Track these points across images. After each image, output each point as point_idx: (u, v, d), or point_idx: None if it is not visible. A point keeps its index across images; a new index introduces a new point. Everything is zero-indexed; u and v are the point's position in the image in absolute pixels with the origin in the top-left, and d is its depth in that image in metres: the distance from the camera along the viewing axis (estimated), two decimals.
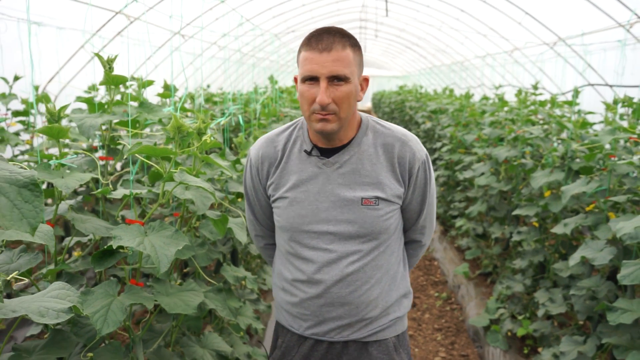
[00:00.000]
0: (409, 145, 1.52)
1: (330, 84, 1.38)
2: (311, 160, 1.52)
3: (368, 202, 1.48)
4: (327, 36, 1.38)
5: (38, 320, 0.78)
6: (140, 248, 1.26)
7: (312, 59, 1.38)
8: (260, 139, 1.63)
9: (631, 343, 2.05)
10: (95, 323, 1.26)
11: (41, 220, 0.70)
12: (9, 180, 0.69)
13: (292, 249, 1.56)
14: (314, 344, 1.58)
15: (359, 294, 1.52)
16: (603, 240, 2.34)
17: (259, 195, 1.63)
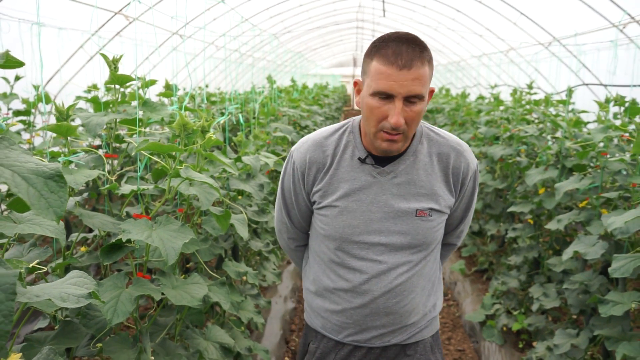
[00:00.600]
0: (464, 155, 1.48)
1: (404, 104, 1.29)
2: (364, 169, 1.44)
3: (422, 214, 1.44)
4: (406, 49, 1.26)
5: (60, 304, 0.83)
6: (148, 241, 1.31)
7: (389, 75, 1.26)
8: (305, 141, 1.52)
9: (622, 335, 2.11)
10: (106, 313, 1.30)
11: (65, 209, 0.75)
12: (36, 172, 0.74)
13: (338, 258, 1.50)
14: (353, 349, 1.55)
15: (404, 303, 1.49)
16: (595, 236, 2.40)
17: (299, 199, 1.55)
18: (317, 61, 23.56)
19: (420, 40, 1.31)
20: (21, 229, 1.23)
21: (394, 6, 10.68)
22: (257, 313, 2.28)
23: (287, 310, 3.81)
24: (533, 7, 7.41)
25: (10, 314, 0.64)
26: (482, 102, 6.66)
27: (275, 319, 3.57)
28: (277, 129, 4.05)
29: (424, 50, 1.29)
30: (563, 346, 2.45)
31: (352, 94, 3.72)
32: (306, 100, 7.21)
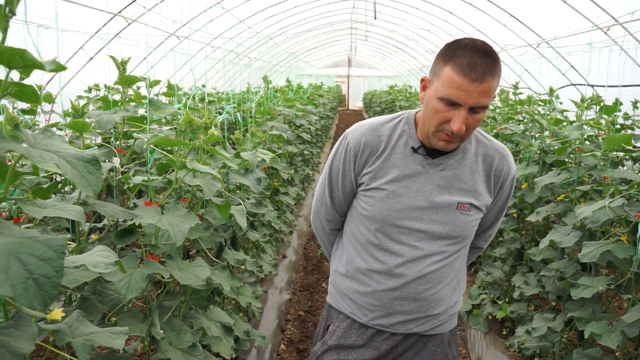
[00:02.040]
0: (507, 159, 1.57)
1: (469, 113, 1.36)
2: (415, 158, 1.52)
3: (463, 207, 1.51)
4: (481, 62, 1.31)
5: (93, 269, 0.99)
6: (159, 224, 1.47)
7: (460, 85, 1.32)
8: (362, 124, 1.60)
9: (592, 316, 2.28)
10: (121, 289, 1.46)
11: (100, 187, 0.91)
12: (77, 157, 0.90)
13: (377, 240, 1.56)
14: (375, 333, 1.60)
15: (433, 292, 1.55)
16: (570, 226, 2.57)
17: (345, 180, 1.61)
18: (312, 61, 23.72)
19: (494, 53, 1.35)
20: (47, 212, 1.39)
21: (387, 7, 10.86)
22: (255, 298, 2.44)
23: (283, 301, 3.97)
24: (522, 9, 7.61)
25: (61, 269, 0.80)
26: None
27: (271, 309, 3.73)
28: (273, 127, 4.21)
29: (497, 64, 1.34)
30: (540, 329, 2.62)
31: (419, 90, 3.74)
32: (301, 100, 7.37)
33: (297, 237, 5.29)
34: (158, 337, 1.59)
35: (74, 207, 1.52)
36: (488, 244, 1.78)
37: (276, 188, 4.19)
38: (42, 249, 0.81)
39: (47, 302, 0.78)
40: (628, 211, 2.21)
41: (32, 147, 0.87)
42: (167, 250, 1.80)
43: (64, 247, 0.82)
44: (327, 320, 1.72)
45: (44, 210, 1.43)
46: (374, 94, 19.21)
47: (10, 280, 0.76)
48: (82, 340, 1.02)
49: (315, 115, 7.42)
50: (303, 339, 3.61)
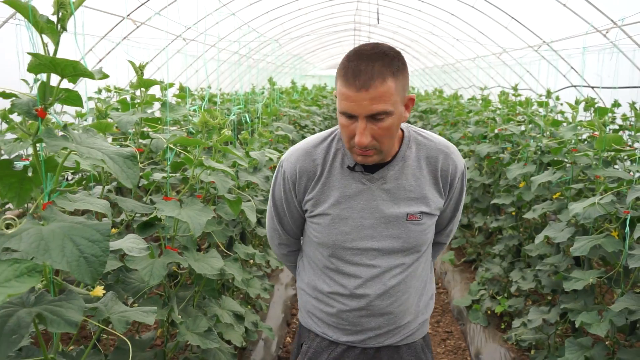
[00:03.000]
0: (451, 157, 1.50)
1: (369, 122, 1.28)
2: (354, 176, 1.45)
3: (413, 218, 1.46)
4: (366, 68, 1.24)
5: (129, 252, 1.12)
6: (179, 216, 1.60)
7: (348, 97, 1.26)
8: (295, 150, 1.52)
9: (584, 307, 2.40)
10: (145, 276, 1.59)
11: (138, 180, 1.04)
12: (118, 153, 1.03)
13: (332, 265, 1.52)
14: (346, 349, 1.57)
15: (398, 303, 1.52)
16: (564, 222, 2.69)
17: (291, 207, 1.56)
18: (316, 63, 23.85)
19: (387, 52, 1.28)
20: (78, 205, 1.52)
21: (390, 9, 10.98)
22: (264, 290, 2.57)
23: (289, 297, 4.10)
24: (523, 12, 7.72)
25: (107, 249, 0.93)
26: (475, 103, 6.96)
27: (277, 304, 3.86)
28: (279, 128, 4.34)
29: (389, 64, 1.26)
30: (536, 321, 2.74)
31: None
32: (305, 101, 7.50)
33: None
34: (177, 322, 1.72)
35: (100, 201, 1.65)
36: (450, 238, 1.74)
37: None
38: (91, 232, 0.94)
39: (96, 277, 0.91)
40: (618, 208, 2.33)
41: (79, 145, 1.01)
42: (183, 242, 1.93)
43: (109, 230, 0.95)
44: (300, 339, 1.69)
45: (74, 203, 1.56)
46: None
47: (66, 257, 0.89)
48: (119, 316, 1.15)
49: (319, 116, 7.55)
50: None
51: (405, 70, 1.31)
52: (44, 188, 1.03)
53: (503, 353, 3.23)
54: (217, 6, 7.02)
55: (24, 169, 1.09)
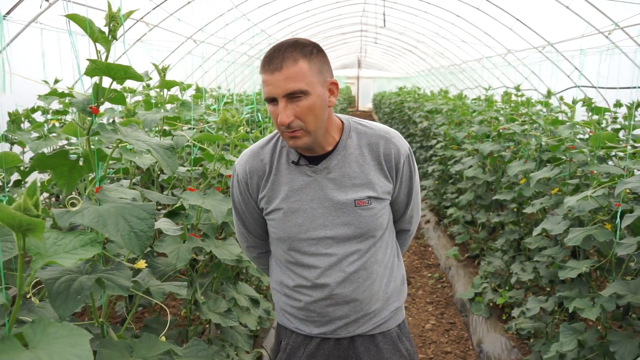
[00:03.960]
0: (392, 142, 1.56)
1: (289, 102, 1.37)
2: (300, 170, 1.53)
3: (361, 203, 1.51)
4: (276, 54, 1.36)
5: (166, 232, 1.29)
6: (204, 205, 1.77)
7: (266, 81, 1.37)
8: (244, 153, 1.63)
9: (578, 294, 2.55)
10: (172, 259, 1.75)
11: (176, 167, 1.20)
12: (159, 145, 1.20)
13: (292, 258, 1.58)
14: (321, 342, 1.62)
15: (362, 290, 1.56)
16: (561, 216, 2.84)
17: (249, 208, 1.63)
18: None
19: (301, 41, 1.39)
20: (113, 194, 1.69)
21: (396, 11, 11.12)
22: None
23: None
24: (527, 13, 7.85)
25: (152, 226, 1.10)
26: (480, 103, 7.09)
27: None
28: None
29: (301, 48, 1.36)
30: (534, 309, 2.89)
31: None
32: None
33: None
34: (200, 302, 1.89)
35: (132, 191, 1.82)
36: (414, 225, 1.77)
37: None
38: (139, 211, 1.11)
39: (144, 249, 1.08)
40: (611, 201, 2.47)
41: (127, 137, 1.17)
42: (205, 230, 2.10)
43: (154, 210, 1.11)
44: (279, 337, 1.75)
45: (110, 192, 1.73)
46: (383, 95, 19.48)
47: (120, 232, 1.06)
48: (156, 288, 1.31)
49: None
50: None
51: (321, 55, 1.41)
52: (96, 175, 1.20)
53: (504, 342, 3.38)
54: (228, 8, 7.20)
55: (76, 158, 1.25)
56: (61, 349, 0.85)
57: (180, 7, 6.46)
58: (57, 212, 1.04)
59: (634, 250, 2.13)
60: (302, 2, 10.20)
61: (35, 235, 0.88)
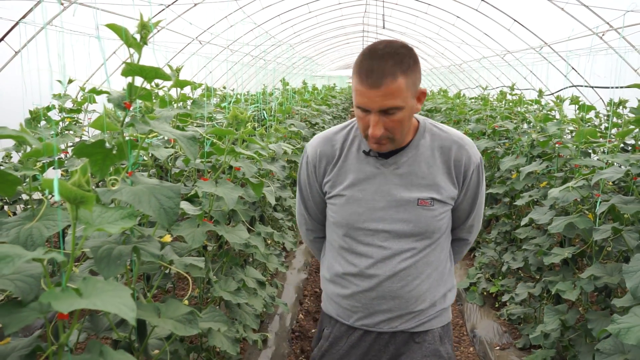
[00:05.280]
0: (465, 148, 1.55)
1: (382, 115, 1.39)
2: (369, 161, 1.55)
3: (424, 203, 1.51)
4: (378, 66, 1.34)
5: (188, 212, 1.48)
6: (217, 192, 1.96)
7: (362, 93, 1.38)
8: (317, 137, 1.66)
9: (562, 279, 2.74)
10: (188, 241, 1.95)
11: (197, 155, 1.40)
12: (183, 135, 1.39)
13: (346, 244, 1.60)
14: (363, 334, 1.63)
15: (410, 288, 1.56)
16: (547, 207, 3.03)
17: (313, 191, 1.67)
18: (325, 63, 24.22)
19: (398, 50, 1.37)
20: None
21: (397, 12, 11.31)
22: (281, 264, 2.93)
23: (301, 280, 4.46)
24: (525, 14, 8.03)
25: (179, 204, 1.29)
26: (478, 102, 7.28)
27: (291, 285, 4.22)
28: (292, 124, 4.71)
29: (400, 62, 1.36)
30: (522, 294, 3.08)
31: None
32: (315, 101, 7.87)
33: None
34: (213, 280, 2.09)
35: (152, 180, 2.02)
36: (473, 235, 1.76)
37: (295, 178, 4.69)
38: (167, 191, 1.30)
39: (171, 223, 1.27)
40: (592, 192, 2.66)
41: (156, 129, 1.37)
42: (216, 217, 2.29)
43: (179, 190, 1.31)
44: (322, 325, 1.76)
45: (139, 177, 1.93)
46: None
47: (152, 208, 1.26)
48: (179, 260, 1.51)
49: (328, 114, 7.91)
50: (319, 310, 4.09)
51: (416, 66, 1.41)
52: (129, 161, 1.39)
53: (495, 327, 3.57)
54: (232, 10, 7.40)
55: (110, 148, 1.45)
56: (109, 298, 1.05)
57: (187, 9, 6.67)
58: (101, 190, 1.24)
59: (610, 236, 2.32)
60: (305, 4, 10.40)
61: (87, 207, 1.08)
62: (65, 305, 0.97)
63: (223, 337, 2.13)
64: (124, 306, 1.03)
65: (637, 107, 2.49)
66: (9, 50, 4.64)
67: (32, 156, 1.50)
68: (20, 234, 1.24)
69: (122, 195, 1.23)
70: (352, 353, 1.65)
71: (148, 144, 2.19)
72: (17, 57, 4.70)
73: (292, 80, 17.73)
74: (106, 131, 1.63)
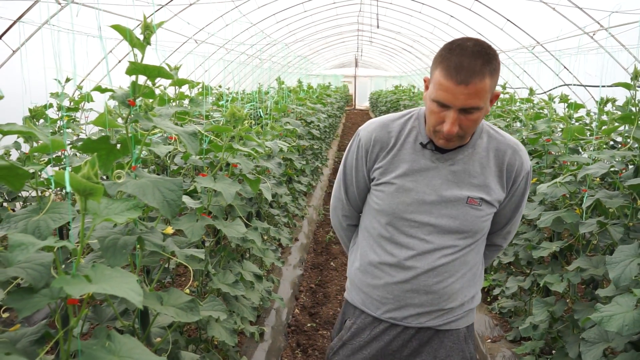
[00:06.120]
0: (519, 154, 1.56)
1: (461, 113, 1.38)
2: (425, 153, 1.54)
3: (473, 202, 1.51)
4: (469, 63, 1.33)
5: (188, 205, 1.55)
6: (215, 187, 2.03)
7: (447, 88, 1.35)
8: (373, 122, 1.64)
9: (551, 272, 2.82)
10: (188, 234, 2.01)
11: (198, 149, 1.46)
12: (185, 131, 1.46)
13: (387, 233, 1.58)
14: (389, 327, 1.61)
15: (444, 285, 1.56)
16: (537, 203, 3.11)
17: (359, 176, 1.66)
18: (320, 62, 24.28)
19: (487, 51, 1.36)
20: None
21: (392, 11, 11.39)
22: (277, 259, 3.00)
23: (297, 276, 4.53)
24: (517, 14, 8.13)
25: (181, 197, 1.36)
26: None
27: (287, 281, 4.29)
28: (287, 123, 4.77)
29: (488, 62, 1.34)
30: (512, 287, 3.16)
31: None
32: (311, 99, 7.93)
33: (307, 224, 5.85)
34: (212, 273, 2.15)
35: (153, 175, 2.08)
36: (507, 242, 1.76)
37: (291, 176, 4.75)
38: (170, 184, 1.37)
39: (174, 214, 1.34)
40: (579, 188, 2.74)
41: (159, 125, 1.43)
42: (214, 212, 2.36)
43: (181, 183, 1.38)
44: (344, 316, 1.75)
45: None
46: (380, 94, 19.75)
47: (156, 199, 1.32)
48: (180, 251, 1.58)
49: (323, 113, 7.98)
50: (314, 306, 4.17)
51: (499, 69, 1.41)
52: (132, 156, 1.46)
53: (487, 321, 3.65)
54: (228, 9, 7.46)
55: (115, 143, 1.51)
56: (117, 284, 1.12)
57: (183, 9, 6.72)
58: (107, 183, 1.30)
59: (595, 229, 2.40)
60: (300, 3, 10.47)
61: (95, 198, 1.14)
62: (77, 290, 1.04)
63: (221, 328, 2.20)
64: (131, 291, 1.10)
65: (622, 104, 2.57)
66: (7, 49, 4.68)
67: (40, 151, 1.56)
68: (28, 225, 1.30)
69: (128, 188, 1.30)
70: (373, 345, 1.63)
71: (150, 141, 2.25)
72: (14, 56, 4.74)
73: (287, 79, 17.78)
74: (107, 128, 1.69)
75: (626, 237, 2.26)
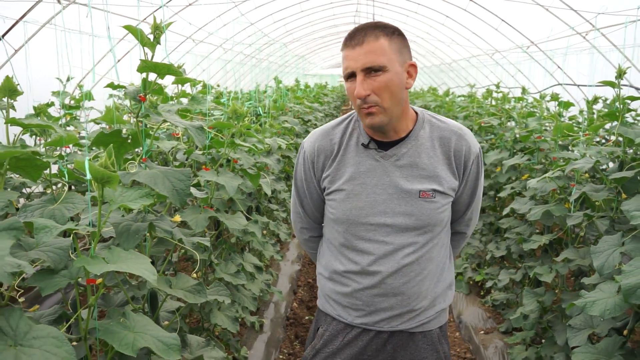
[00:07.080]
0: (464, 138, 1.53)
1: (367, 77, 1.39)
2: (369, 153, 1.52)
3: (425, 195, 1.48)
4: (359, 32, 1.40)
5: (195, 195, 1.64)
6: (219, 180, 2.12)
7: (347, 56, 1.41)
8: (314, 132, 1.62)
9: (540, 264, 2.92)
10: (192, 225, 2.10)
11: (205, 142, 1.56)
12: (191, 125, 1.55)
13: (346, 241, 1.56)
14: (361, 332, 1.59)
15: (412, 285, 1.53)
16: (528, 197, 3.21)
17: (310, 188, 1.63)
18: (317, 62, 24.37)
19: (380, 22, 1.43)
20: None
21: (388, 11, 11.49)
22: (277, 252, 3.09)
23: (295, 271, 4.62)
24: (512, 14, 8.23)
25: (189, 186, 1.45)
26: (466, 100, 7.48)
27: (285, 276, 4.39)
28: (286, 121, 4.86)
29: (379, 27, 1.40)
30: (504, 280, 3.26)
31: None
32: (308, 98, 8.03)
33: None
34: (214, 263, 2.24)
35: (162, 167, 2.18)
36: (471, 228, 1.73)
37: (289, 173, 4.85)
38: (178, 174, 1.46)
39: (183, 203, 1.43)
40: (567, 183, 2.85)
41: (168, 119, 1.53)
42: (216, 206, 2.45)
43: (190, 174, 1.47)
44: (317, 324, 1.72)
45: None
46: None
47: (166, 188, 1.41)
48: (187, 239, 1.67)
49: (320, 112, 8.08)
50: (312, 299, 4.26)
51: (401, 37, 1.44)
52: (143, 148, 1.55)
53: (480, 313, 3.76)
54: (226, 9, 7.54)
55: (125, 137, 1.61)
56: (133, 265, 1.21)
57: (180, 9, 6.80)
58: (121, 173, 1.39)
59: (582, 221, 2.50)
60: (297, 3, 10.55)
61: (111, 186, 1.24)
62: (97, 268, 1.13)
63: (224, 316, 2.29)
64: (146, 270, 1.19)
65: (610, 102, 2.68)
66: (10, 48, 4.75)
67: (54, 145, 1.65)
68: (44, 214, 1.39)
69: (140, 178, 1.39)
70: (347, 351, 1.61)
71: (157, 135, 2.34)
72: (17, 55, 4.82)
73: (284, 78, 17.86)
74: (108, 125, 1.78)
75: (611, 229, 2.35)
